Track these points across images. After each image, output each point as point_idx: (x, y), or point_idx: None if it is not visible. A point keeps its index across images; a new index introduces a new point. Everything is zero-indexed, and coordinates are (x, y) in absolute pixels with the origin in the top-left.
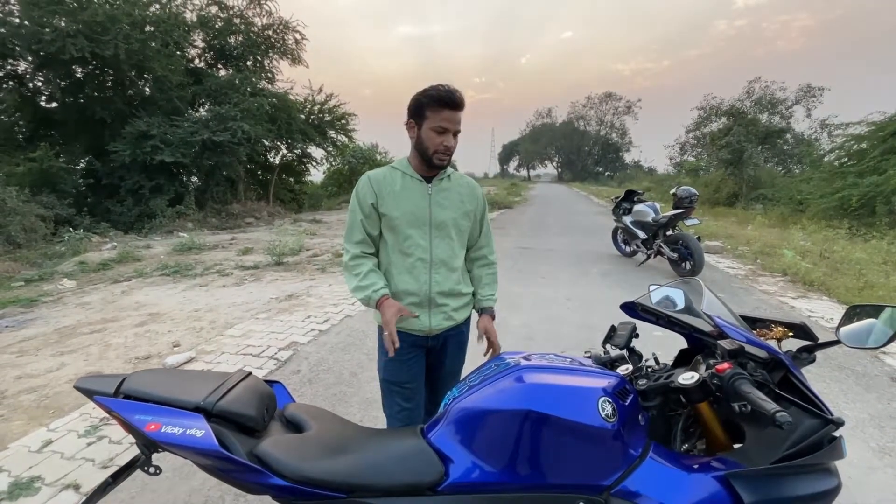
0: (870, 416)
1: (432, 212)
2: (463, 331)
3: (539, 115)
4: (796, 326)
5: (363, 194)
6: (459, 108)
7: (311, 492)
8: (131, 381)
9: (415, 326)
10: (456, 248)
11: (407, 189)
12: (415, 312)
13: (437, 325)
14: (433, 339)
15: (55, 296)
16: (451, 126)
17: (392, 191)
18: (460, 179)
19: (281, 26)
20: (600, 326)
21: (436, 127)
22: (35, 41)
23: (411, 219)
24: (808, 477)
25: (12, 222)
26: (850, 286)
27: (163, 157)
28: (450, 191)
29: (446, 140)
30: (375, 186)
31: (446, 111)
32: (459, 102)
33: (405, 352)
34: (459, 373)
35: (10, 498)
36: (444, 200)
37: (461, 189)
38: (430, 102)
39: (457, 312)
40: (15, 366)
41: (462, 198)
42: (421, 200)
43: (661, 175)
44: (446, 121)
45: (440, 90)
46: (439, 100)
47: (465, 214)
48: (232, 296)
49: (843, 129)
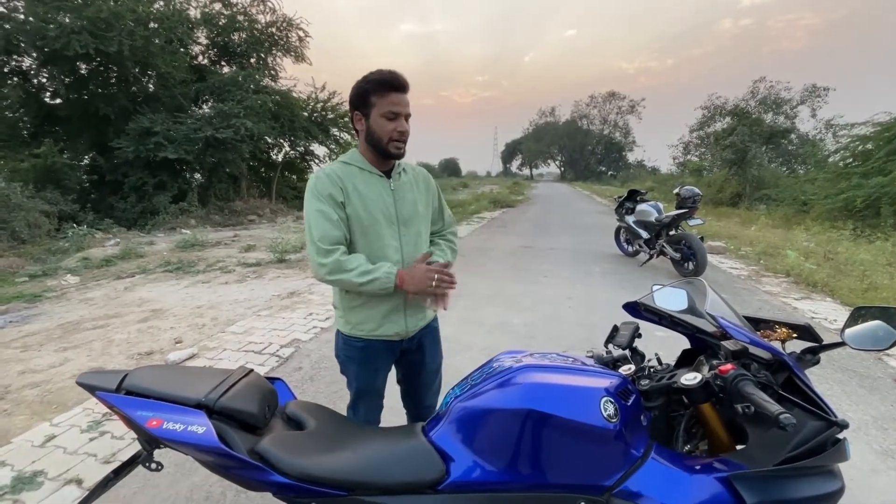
0: (873, 419)
1: (398, 209)
2: (435, 326)
3: (542, 114)
4: (801, 328)
5: (328, 191)
6: (406, 90)
7: (312, 489)
8: (133, 378)
9: (390, 333)
10: (423, 242)
11: (370, 187)
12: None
13: (413, 326)
14: (408, 342)
15: (59, 291)
16: (402, 109)
17: (356, 188)
18: (414, 171)
19: (284, 23)
20: (602, 326)
21: (386, 113)
22: (39, 37)
23: (381, 219)
24: (812, 479)
25: (16, 218)
26: (854, 288)
27: (166, 153)
28: (409, 184)
29: (399, 125)
30: (337, 182)
31: (393, 94)
32: (405, 84)
33: (380, 359)
34: (440, 370)
35: (13, 492)
36: (406, 195)
37: (418, 180)
38: (375, 88)
39: (429, 310)
40: (19, 361)
41: (421, 189)
42: (386, 197)
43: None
44: (396, 104)
45: (382, 73)
46: (384, 83)
47: (425, 205)
48: (234, 293)
49: (848, 130)
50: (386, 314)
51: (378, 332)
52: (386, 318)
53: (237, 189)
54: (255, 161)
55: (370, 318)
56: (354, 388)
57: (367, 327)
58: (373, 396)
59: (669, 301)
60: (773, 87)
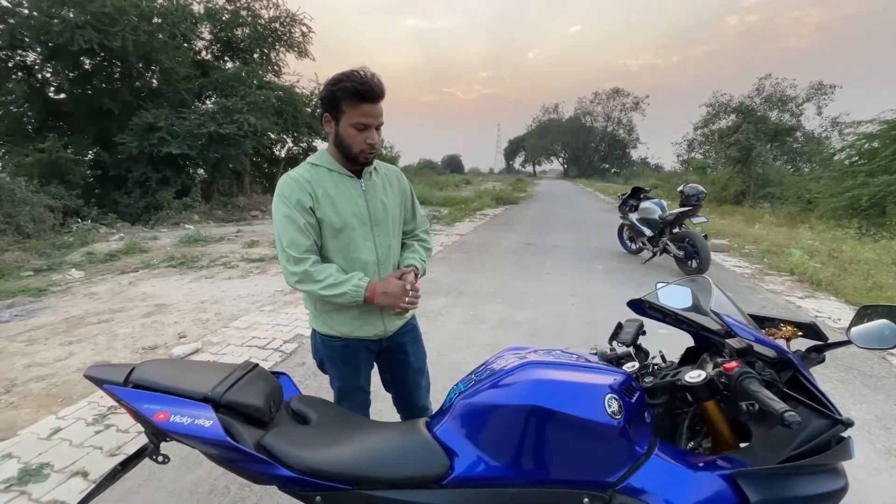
0: (876, 418)
1: (370, 209)
2: (415, 325)
3: (546, 111)
4: (806, 326)
5: (296, 197)
6: (379, 100)
7: (317, 483)
8: (140, 371)
9: (369, 333)
10: (396, 241)
11: (341, 188)
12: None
13: (391, 326)
14: (387, 341)
15: (64, 286)
16: (373, 121)
17: (326, 192)
18: (386, 168)
19: (288, 19)
20: (605, 323)
21: (356, 124)
22: (44, 32)
23: (353, 220)
24: (815, 477)
25: (21, 212)
26: (859, 287)
27: (169, 149)
28: (381, 184)
29: (369, 136)
30: (307, 187)
31: (365, 105)
32: (379, 94)
33: (361, 357)
34: (425, 367)
35: (20, 483)
36: (378, 195)
37: (390, 179)
38: (346, 96)
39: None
40: (24, 354)
41: (392, 188)
42: (357, 198)
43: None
44: (366, 116)
45: (355, 80)
46: (355, 93)
47: (397, 205)
48: (237, 288)
49: (854, 128)
50: (361, 316)
51: (356, 334)
52: (362, 321)
53: (240, 185)
54: (258, 157)
55: (345, 322)
56: (337, 388)
57: (344, 329)
58: (357, 393)
59: (674, 299)
60: (778, 84)
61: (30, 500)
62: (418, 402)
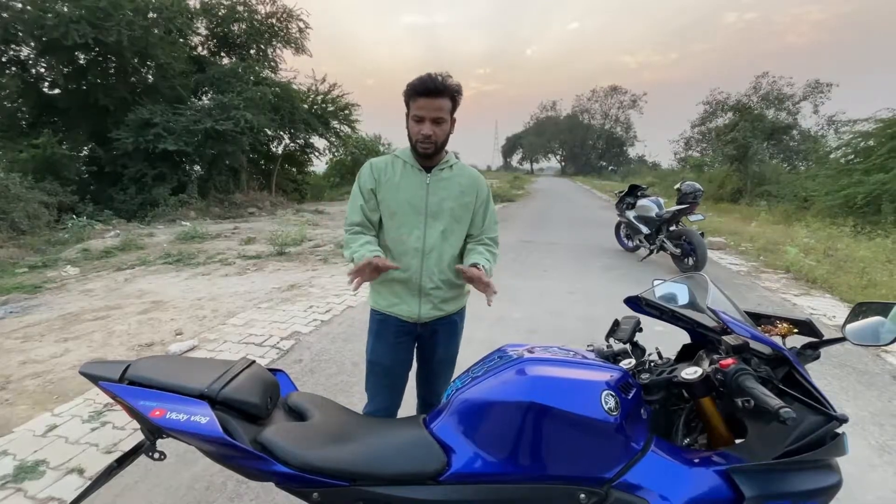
0: (870, 414)
1: (428, 201)
2: (455, 321)
3: (543, 108)
4: (801, 323)
5: (364, 180)
6: (436, 95)
7: (314, 479)
8: (136, 368)
9: (403, 313)
10: (451, 237)
11: (406, 178)
12: (402, 269)
13: (425, 313)
14: (422, 327)
15: (59, 282)
16: (427, 114)
17: (391, 179)
18: (462, 170)
19: (284, 14)
20: (602, 320)
21: (414, 116)
22: (37, 26)
23: (407, 207)
24: (810, 473)
25: (16, 208)
26: (854, 284)
27: (165, 145)
28: (449, 180)
29: (423, 128)
30: (376, 174)
31: (421, 99)
32: (433, 89)
33: (393, 336)
34: (453, 362)
35: (15, 481)
36: (441, 190)
37: (462, 179)
38: (409, 92)
39: (447, 304)
40: (20, 351)
41: (462, 188)
42: (418, 189)
43: (665, 170)
44: (421, 108)
45: (419, 79)
46: (414, 89)
47: (463, 205)
48: (234, 285)
49: (850, 126)
50: (399, 295)
51: (392, 310)
52: (399, 300)
53: (237, 181)
54: (254, 153)
55: (384, 297)
56: (367, 360)
57: (383, 303)
58: (379, 373)
59: (670, 296)
60: (775, 82)
61: (26, 497)
62: (435, 388)
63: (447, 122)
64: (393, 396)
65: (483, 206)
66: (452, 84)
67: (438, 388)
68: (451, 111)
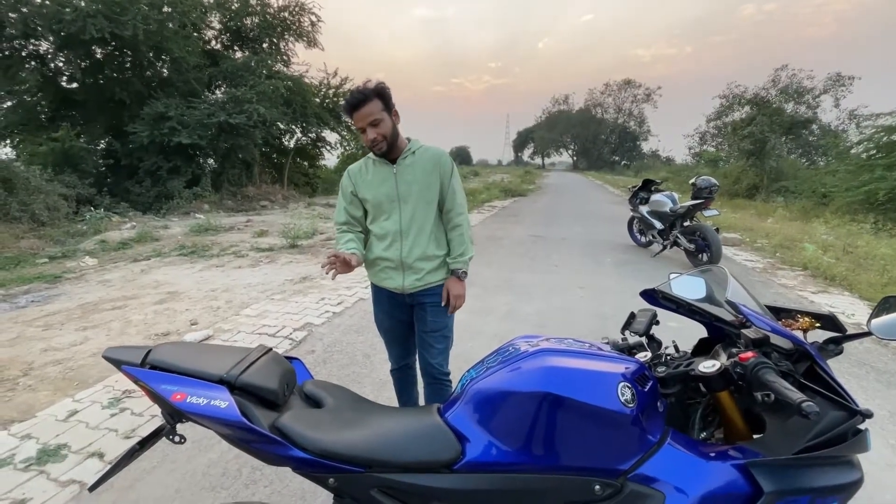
0: (889, 413)
1: (398, 188)
2: (439, 292)
3: (555, 102)
4: (824, 317)
5: (345, 186)
6: (362, 104)
7: (330, 465)
8: (157, 353)
9: (391, 286)
10: (424, 215)
11: (376, 173)
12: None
13: (409, 285)
14: (410, 297)
15: (78, 273)
16: (363, 123)
17: (365, 178)
18: (424, 153)
19: (297, 8)
20: (613, 316)
21: (357, 129)
22: (56, 21)
23: (382, 197)
24: (830, 469)
25: (36, 201)
26: (874, 282)
27: (180, 138)
28: (413, 166)
29: (367, 136)
30: (353, 178)
31: (354, 114)
32: (357, 102)
33: (386, 304)
34: (445, 334)
35: (38, 463)
36: (407, 175)
37: (423, 162)
38: (346, 112)
39: (430, 275)
40: (41, 339)
41: (425, 169)
42: (388, 180)
43: (678, 165)
44: (357, 121)
45: (346, 98)
46: (346, 108)
47: (428, 185)
48: (247, 277)
49: (872, 121)
50: (385, 270)
51: (382, 284)
52: (385, 275)
53: (249, 175)
54: (267, 147)
55: (374, 274)
56: (377, 325)
57: (374, 279)
58: (385, 333)
59: (687, 289)
60: (795, 75)
61: (48, 479)
62: (430, 359)
63: (385, 119)
64: (402, 351)
65: (448, 181)
66: (371, 87)
67: (431, 356)
68: (384, 108)
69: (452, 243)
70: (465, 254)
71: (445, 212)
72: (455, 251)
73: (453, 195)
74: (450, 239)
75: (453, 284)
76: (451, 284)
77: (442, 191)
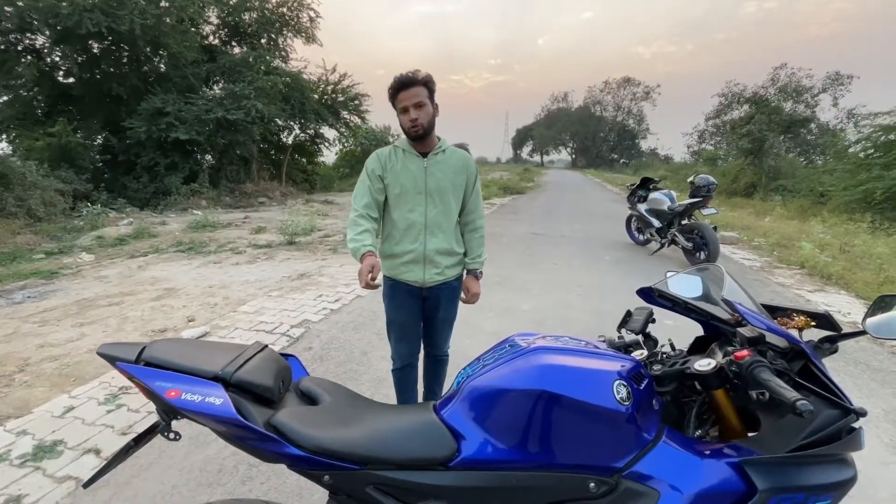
0: (884, 412)
1: (427, 182)
2: (454, 286)
3: (555, 100)
4: (819, 316)
5: (372, 166)
6: (411, 85)
7: (326, 462)
8: (152, 350)
9: (410, 279)
10: (449, 212)
11: (406, 164)
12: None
13: (429, 279)
14: (427, 291)
15: (74, 269)
16: (409, 102)
17: (394, 166)
18: (454, 153)
19: (295, 3)
20: (611, 313)
21: (400, 108)
22: (52, 15)
23: (410, 189)
24: (824, 467)
25: (33, 196)
26: (870, 281)
27: (177, 134)
28: (443, 163)
29: (409, 116)
30: (382, 160)
31: (400, 93)
32: (407, 82)
33: (402, 298)
34: (452, 321)
35: (34, 459)
36: (437, 172)
37: (454, 161)
38: (391, 93)
39: (449, 269)
40: (37, 335)
41: (454, 169)
42: (418, 173)
43: (677, 164)
44: (403, 100)
45: (394, 78)
46: (393, 87)
47: (456, 184)
48: (245, 273)
49: (870, 120)
50: (406, 264)
51: (401, 277)
52: (406, 269)
53: (247, 171)
54: (265, 143)
55: (394, 267)
56: (386, 320)
57: (393, 272)
58: (397, 328)
59: (684, 287)
60: (794, 74)
61: (44, 475)
62: (435, 342)
63: (428, 106)
64: (410, 347)
65: (473, 186)
66: (422, 75)
67: (440, 342)
68: (428, 97)
69: (472, 244)
70: (482, 255)
71: (467, 213)
72: (474, 252)
73: (476, 199)
74: (469, 240)
75: (472, 283)
76: (471, 283)
77: (466, 193)
